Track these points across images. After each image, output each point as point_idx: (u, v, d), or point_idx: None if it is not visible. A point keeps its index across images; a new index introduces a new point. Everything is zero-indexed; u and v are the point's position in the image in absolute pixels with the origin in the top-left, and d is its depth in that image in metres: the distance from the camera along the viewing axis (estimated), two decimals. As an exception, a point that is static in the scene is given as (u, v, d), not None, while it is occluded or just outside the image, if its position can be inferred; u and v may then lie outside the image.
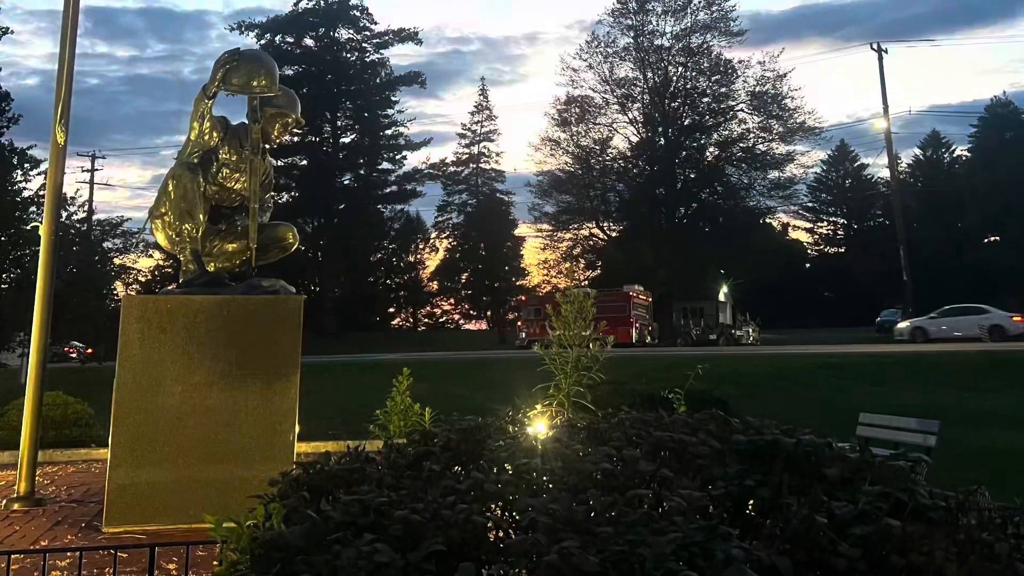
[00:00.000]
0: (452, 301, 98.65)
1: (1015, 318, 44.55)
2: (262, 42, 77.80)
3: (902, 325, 48.95)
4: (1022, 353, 31.29)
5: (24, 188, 35.49)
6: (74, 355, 40.97)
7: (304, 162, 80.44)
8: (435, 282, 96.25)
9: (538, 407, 10.88)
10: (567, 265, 73.48)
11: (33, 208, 34.02)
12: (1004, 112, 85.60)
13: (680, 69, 70.82)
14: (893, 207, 62.33)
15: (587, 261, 79.71)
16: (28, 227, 32.48)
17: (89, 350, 38.07)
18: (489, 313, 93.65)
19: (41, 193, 32.76)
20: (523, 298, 73.16)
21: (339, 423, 17.30)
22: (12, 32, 40.17)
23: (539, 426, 8.90)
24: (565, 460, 4.23)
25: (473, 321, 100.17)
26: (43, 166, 34.43)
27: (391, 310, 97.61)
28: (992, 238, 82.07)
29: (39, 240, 9.37)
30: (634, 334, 52.75)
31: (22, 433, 9.36)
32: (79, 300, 32.10)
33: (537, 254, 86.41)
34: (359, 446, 5.15)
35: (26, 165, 35.76)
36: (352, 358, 42.89)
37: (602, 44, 72.41)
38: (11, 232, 33.45)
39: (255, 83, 8.86)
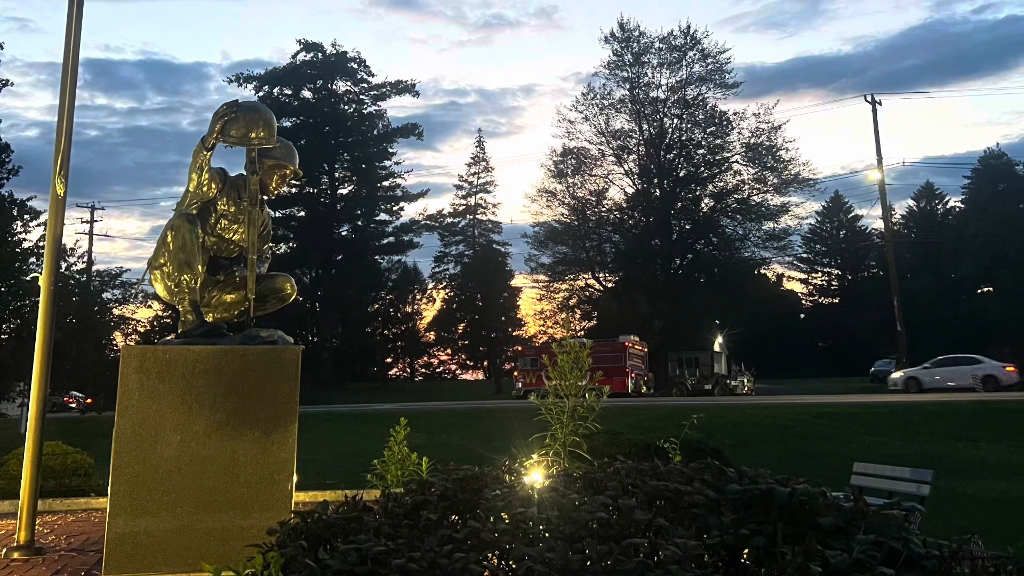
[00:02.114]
0: (449, 351, 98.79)
1: (1008, 368, 44.71)
2: (260, 94, 78.32)
3: (896, 375, 49.06)
4: (1015, 403, 31.43)
5: (24, 239, 35.69)
6: (73, 405, 40.91)
7: (302, 213, 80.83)
8: (432, 332, 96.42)
9: (534, 456, 10.89)
10: (563, 316, 74.01)
11: (33, 259, 34.17)
12: (997, 164, 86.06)
13: (675, 121, 71.13)
14: (887, 258, 62.48)
15: (583, 311, 79.78)
16: (28, 278, 32.57)
17: (88, 400, 38.06)
18: (486, 363, 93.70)
19: (41, 244, 32.91)
20: (520, 348, 73.14)
21: (337, 473, 17.26)
22: (12, 84, 40.51)
23: (535, 475, 8.90)
24: (561, 509, 4.26)
25: (470, 371, 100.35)
26: (43, 217, 34.66)
27: (388, 360, 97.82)
28: (985, 289, 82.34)
29: (39, 291, 9.40)
30: (630, 384, 52.80)
31: (22, 482, 9.38)
32: (78, 350, 32.15)
33: (533, 304, 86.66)
34: (356, 495, 5.17)
35: (26, 216, 35.97)
36: (349, 408, 42.93)
37: (598, 96, 72.88)
38: (11, 283, 33.56)
39: (253, 135, 8.87)
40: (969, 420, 28.77)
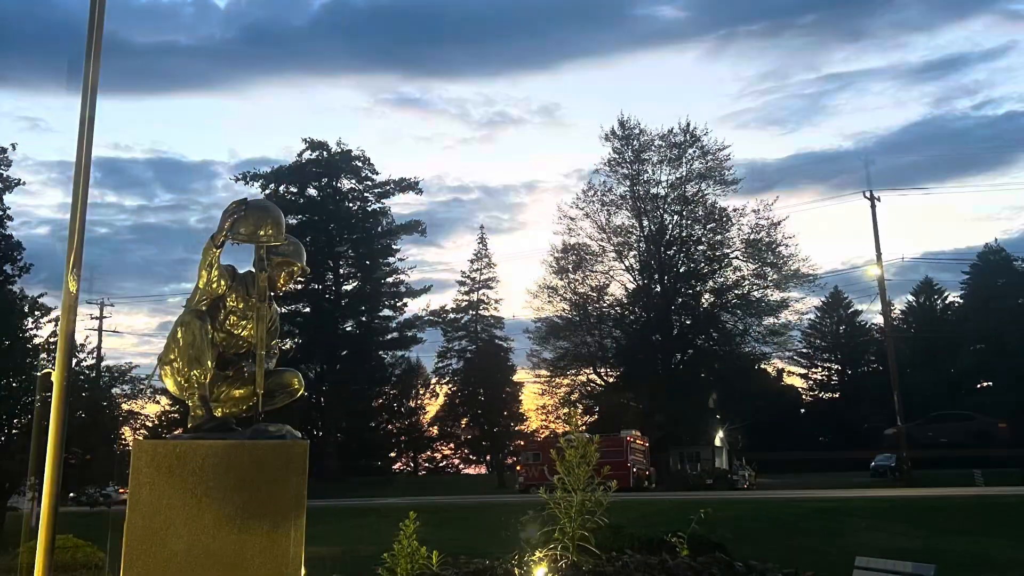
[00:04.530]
0: (452, 446, 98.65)
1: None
2: (266, 192, 79.47)
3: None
4: (1016, 497, 31.61)
5: (35, 335, 36.06)
6: (84, 499, 40.96)
7: (307, 309, 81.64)
8: (435, 427, 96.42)
9: (540, 552, 11.10)
10: (565, 411, 73.94)
11: (44, 355, 34.51)
12: (996, 259, 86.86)
13: (676, 217, 71.68)
14: (887, 353, 62.72)
15: (584, 406, 79.61)
16: (39, 373, 32.88)
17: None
18: (488, 457, 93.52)
19: (52, 340, 33.30)
20: (522, 443, 73.11)
21: (344, 567, 17.43)
22: (24, 183, 41.25)
23: (541, 571, 9.19)
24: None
25: (473, 465, 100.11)
26: (53, 313, 35.08)
27: (392, 454, 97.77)
28: (985, 384, 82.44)
29: (50, 386, 9.52)
30: (632, 479, 52.75)
31: (35, 574, 9.44)
32: (87, 445, 32.32)
33: (535, 399, 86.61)
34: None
35: (37, 312, 36.36)
36: (354, 502, 42.88)
37: (598, 193, 73.46)
38: (22, 378, 33.85)
39: (262, 232, 8.99)
40: (970, 514, 28.89)
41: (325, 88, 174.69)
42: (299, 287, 74.80)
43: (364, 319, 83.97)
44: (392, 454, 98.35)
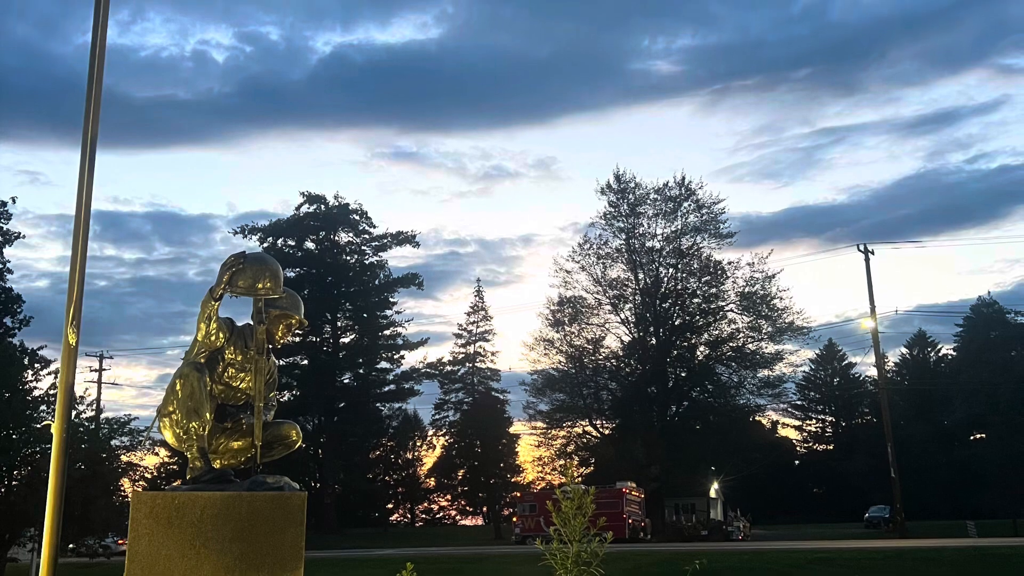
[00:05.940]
0: (449, 497, 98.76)
1: None
2: (265, 245, 80.00)
3: None
4: (1006, 548, 31.92)
5: (35, 387, 36.31)
6: (83, 550, 41.10)
7: (305, 362, 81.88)
8: (432, 478, 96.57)
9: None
10: (561, 462, 73.97)
11: (43, 407, 34.80)
12: (989, 312, 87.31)
13: (671, 270, 72.14)
14: (880, 405, 63.11)
15: (580, 458, 79.66)
16: (38, 425, 33.17)
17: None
18: (485, 509, 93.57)
19: (52, 392, 33.62)
20: (518, 494, 73.16)
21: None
22: (24, 236, 41.74)
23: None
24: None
25: (469, 516, 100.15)
26: (53, 366, 35.36)
27: (389, 506, 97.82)
28: (978, 435, 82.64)
29: (50, 438, 9.67)
30: (627, 530, 52.92)
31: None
32: (86, 496, 32.50)
33: (532, 451, 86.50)
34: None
35: (36, 365, 36.64)
36: (352, 553, 43.04)
37: (594, 246, 73.75)
38: (22, 430, 34.09)
39: (260, 285, 9.05)
40: (962, 566, 29.16)
41: (323, 142, 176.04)
42: (297, 340, 74.97)
43: (362, 371, 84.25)
44: (389, 505, 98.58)
